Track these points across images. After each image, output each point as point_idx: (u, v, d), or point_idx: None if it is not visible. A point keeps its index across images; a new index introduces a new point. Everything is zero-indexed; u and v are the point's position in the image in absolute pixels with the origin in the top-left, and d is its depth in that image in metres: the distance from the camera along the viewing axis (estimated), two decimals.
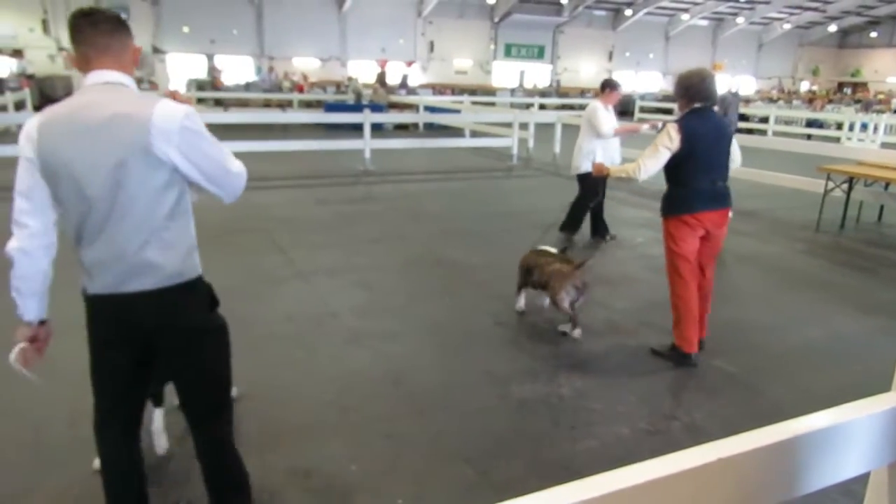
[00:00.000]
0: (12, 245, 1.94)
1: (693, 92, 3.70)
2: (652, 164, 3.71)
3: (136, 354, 2.10)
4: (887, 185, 8.08)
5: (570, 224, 6.82)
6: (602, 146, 6.53)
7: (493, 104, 21.96)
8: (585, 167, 6.38)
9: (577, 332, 4.31)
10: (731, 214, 3.98)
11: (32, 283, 2.01)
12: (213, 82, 22.62)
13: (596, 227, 6.99)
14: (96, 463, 2.85)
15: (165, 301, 1.99)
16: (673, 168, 3.76)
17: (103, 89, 1.92)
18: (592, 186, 6.48)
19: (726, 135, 3.78)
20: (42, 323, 2.11)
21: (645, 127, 6.99)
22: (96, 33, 1.91)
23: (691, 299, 3.91)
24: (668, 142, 3.63)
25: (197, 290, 2.07)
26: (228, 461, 2.26)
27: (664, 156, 3.66)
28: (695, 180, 3.73)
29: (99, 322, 2.08)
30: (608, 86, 6.65)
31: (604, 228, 6.98)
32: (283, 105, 20.44)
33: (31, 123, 1.88)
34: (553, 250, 4.64)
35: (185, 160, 1.90)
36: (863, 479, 1.31)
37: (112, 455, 2.23)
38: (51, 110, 1.90)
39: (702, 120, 3.68)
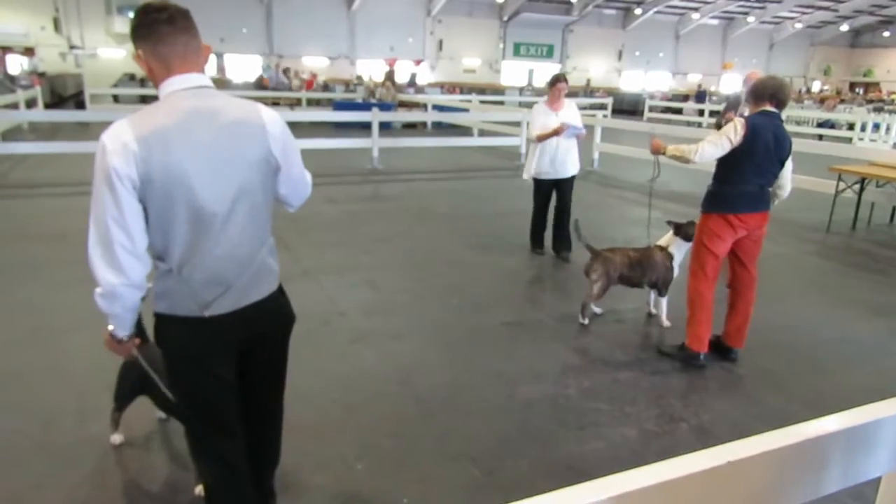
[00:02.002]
0: (119, 281, 1.69)
1: (768, 92, 3.70)
2: (710, 150, 3.69)
3: (235, 367, 1.98)
4: None
5: (531, 237, 6.37)
6: (543, 150, 5.82)
7: (501, 103, 21.92)
8: (530, 172, 5.99)
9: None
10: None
11: (135, 307, 1.82)
12: (260, 81, 22.58)
13: (540, 236, 6.32)
14: (114, 438, 2.87)
15: (278, 303, 2.04)
16: (727, 164, 3.75)
17: (200, 94, 1.76)
18: (537, 191, 6.11)
19: (785, 146, 3.76)
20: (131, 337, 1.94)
21: (567, 131, 5.70)
22: (175, 31, 1.73)
23: (709, 297, 3.91)
24: (733, 134, 3.62)
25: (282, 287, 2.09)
26: (278, 444, 2.35)
27: (725, 146, 3.65)
28: (745, 181, 3.72)
29: (206, 344, 1.88)
30: (549, 83, 5.91)
31: (562, 243, 6.14)
32: (292, 103, 20.50)
33: (122, 137, 1.62)
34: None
35: (285, 163, 1.91)
36: (874, 482, 1.29)
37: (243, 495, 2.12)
38: (146, 121, 1.67)
39: (767, 122, 3.68)
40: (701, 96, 26.35)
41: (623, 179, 10.98)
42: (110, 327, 1.87)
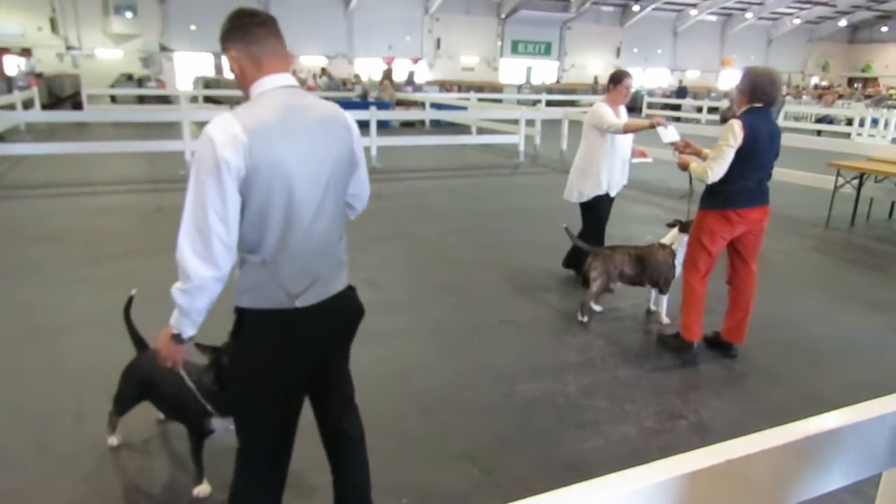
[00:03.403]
0: (211, 274, 1.71)
1: (759, 93, 3.69)
2: (720, 166, 3.69)
3: (311, 368, 2.00)
4: None
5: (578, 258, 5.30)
6: (613, 165, 5.00)
7: (499, 101, 21.89)
8: (592, 191, 5.05)
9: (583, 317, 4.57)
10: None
11: (213, 302, 1.81)
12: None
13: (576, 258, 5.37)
14: (111, 440, 2.86)
15: (352, 296, 2.11)
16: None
17: (292, 93, 1.83)
18: (602, 213, 5.21)
19: (778, 140, 3.79)
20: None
21: (663, 128, 4.58)
22: (268, 33, 1.83)
23: (700, 289, 3.98)
24: (733, 139, 3.63)
25: None
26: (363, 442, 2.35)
27: (730, 155, 3.66)
28: (743, 178, 3.73)
29: (295, 337, 1.89)
30: (612, 80, 5.03)
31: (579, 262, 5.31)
32: None
33: (231, 129, 1.67)
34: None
35: (360, 162, 2.04)
36: (873, 479, 1.29)
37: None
38: (249, 115, 1.72)
39: (761, 119, 3.69)
40: (681, 92, 26.48)
41: None
42: (174, 329, 1.83)
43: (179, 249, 1.71)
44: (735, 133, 3.62)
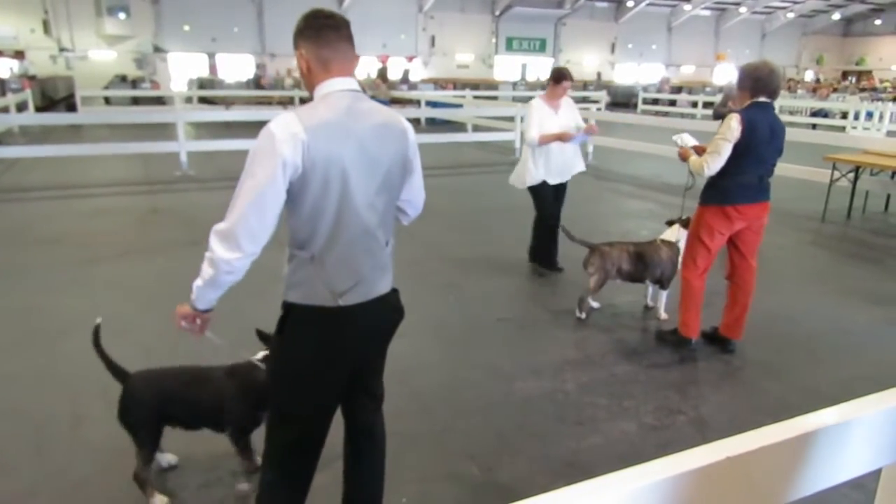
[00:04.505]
0: (228, 257, 1.76)
1: (761, 85, 3.66)
2: (716, 161, 3.68)
3: (350, 366, 2.03)
4: (894, 174, 8.01)
5: (539, 249, 5.60)
6: (549, 156, 5.17)
7: (495, 98, 21.87)
8: (531, 179, 5.22)
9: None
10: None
11: (223, 289, 1.86)
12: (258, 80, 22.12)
13: (547, 252, 5.57)
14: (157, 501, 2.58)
15: (395, 299, 2.14)
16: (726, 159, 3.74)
17: (354, 97, 1.87)
18: (544, 200, 5.33)
19: (781, 135, 3.77)
20: (208, 311, 1.95)
21: (575, 138, 5.19)
22: (340, 38, 1.87)
23: (698, 286, 3.96)
24: (730, 134, 3.61)
25: None
26: (383, 438, 2.38)
27: (727, 150, 3.64)
28: (743, 174, 3.72)
29: (339, 336, 1.91)
30: (554, 78, 5.25)
31: (550, 257, 5.57)
32: (285, 102, 20.43)
33: (292, 127, 1.71)
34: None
35: (415, 168, 2.08)
36: (874, 473, 1.28)
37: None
38: (311, 114, 1.77)
39: (762, 114, 3.66)
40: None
41: (618, 172, 10.97)
42: (193, 296, 1.88)
43: (214, 227, 1.78)
44: (732, 127, 3.61)
